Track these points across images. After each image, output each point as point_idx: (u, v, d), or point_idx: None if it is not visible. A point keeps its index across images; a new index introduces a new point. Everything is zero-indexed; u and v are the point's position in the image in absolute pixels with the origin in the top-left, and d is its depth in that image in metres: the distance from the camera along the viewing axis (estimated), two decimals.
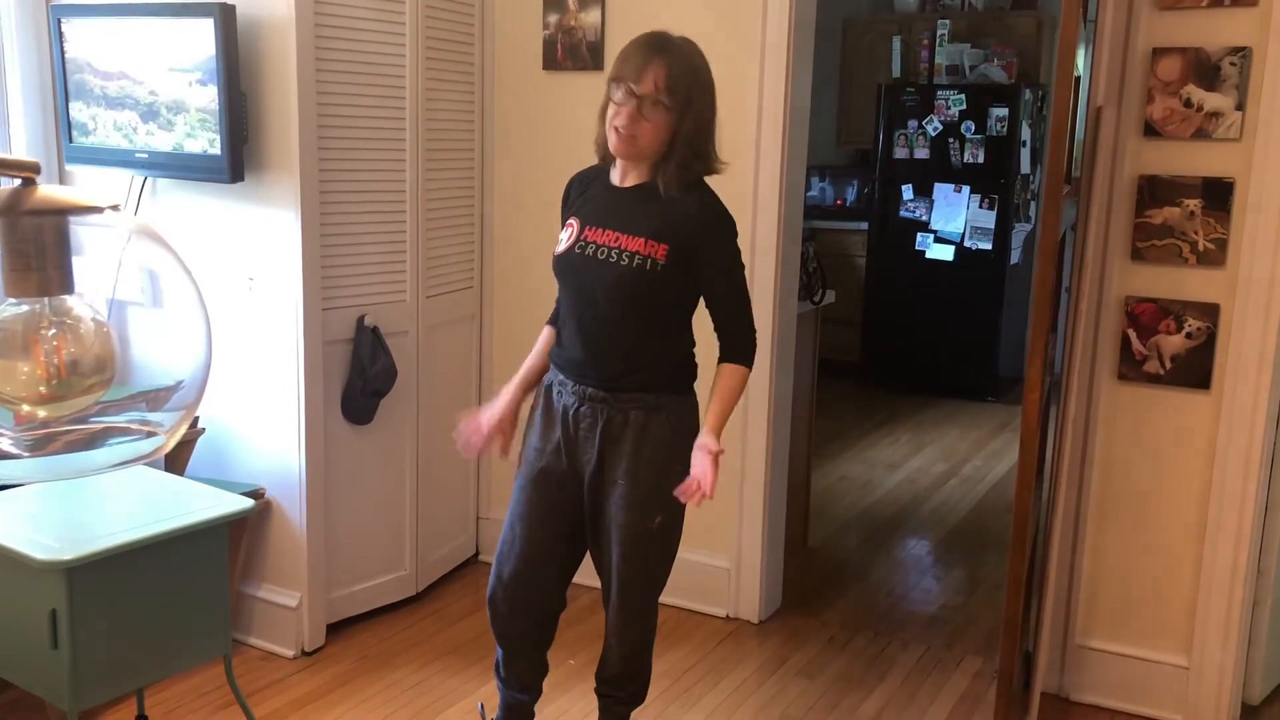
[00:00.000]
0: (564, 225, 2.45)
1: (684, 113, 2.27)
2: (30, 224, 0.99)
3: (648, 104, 2.24)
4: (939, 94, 6.40)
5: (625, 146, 2.29)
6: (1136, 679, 3.02)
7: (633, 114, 2.25)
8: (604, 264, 2.32)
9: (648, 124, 2.26)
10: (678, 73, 2.25)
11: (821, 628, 3.53)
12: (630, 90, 2.24)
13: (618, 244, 2.32)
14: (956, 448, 5.68)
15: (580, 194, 2.46)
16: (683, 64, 2.27)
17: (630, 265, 2.30)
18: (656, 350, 2.39)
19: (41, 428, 1.07)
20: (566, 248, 2.38)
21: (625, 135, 2.27)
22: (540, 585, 2.51)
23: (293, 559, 3.22)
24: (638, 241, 2.30)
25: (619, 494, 2.37)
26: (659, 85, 2.23)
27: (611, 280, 2.32)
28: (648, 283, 2.31)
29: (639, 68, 2.24)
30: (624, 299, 2.33)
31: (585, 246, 2.35)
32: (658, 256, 2.29)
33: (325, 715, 2.92)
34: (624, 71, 2.26)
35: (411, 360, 3.45)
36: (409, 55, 3.27)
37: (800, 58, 3.31)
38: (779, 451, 3.54)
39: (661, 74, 2.23)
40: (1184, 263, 2.85)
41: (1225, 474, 2.86)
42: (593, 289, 2.35)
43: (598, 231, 2.35)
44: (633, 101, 2.24)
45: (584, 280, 2.36)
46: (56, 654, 2.22)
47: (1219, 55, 2.76)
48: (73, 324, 1.03)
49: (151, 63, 3.04)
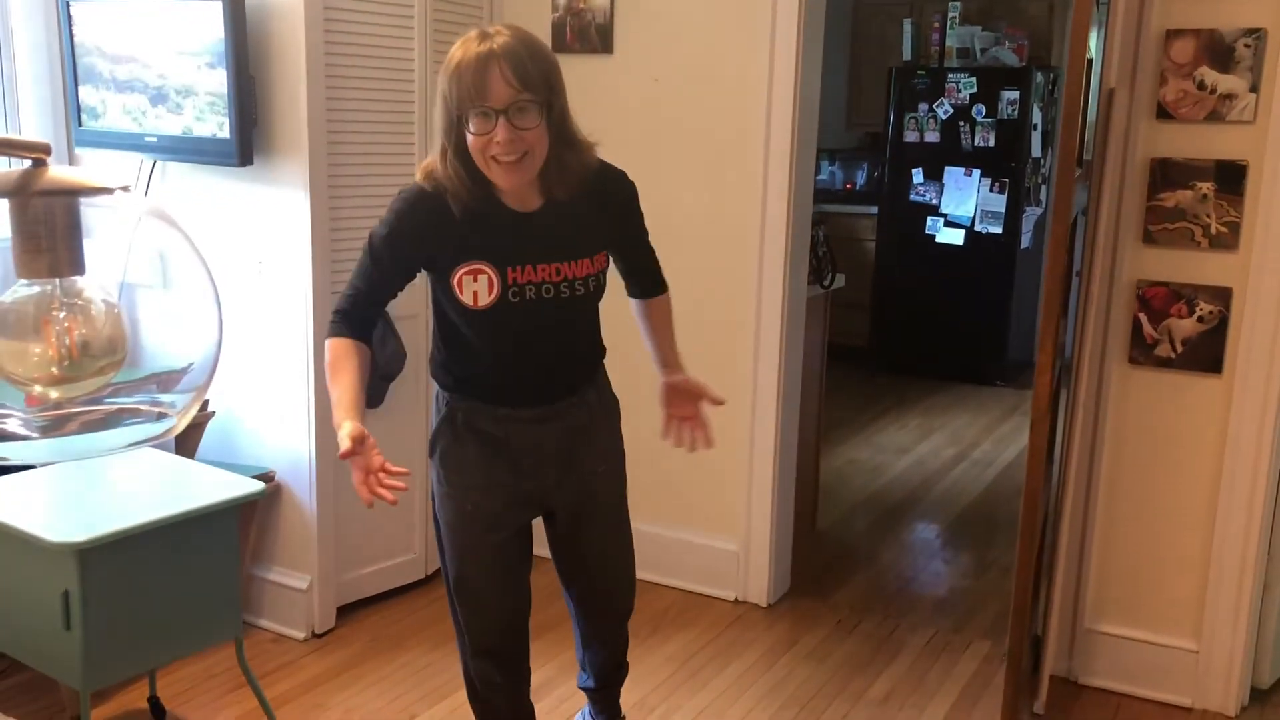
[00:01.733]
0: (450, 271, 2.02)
1: (550, 106, 1.93)
2: (41, 205, 0.99)
3: (514, 113, 1.88)
4: (950, 77, 6.37)
5: (519, 173, 1.94)
6: (1145, 663, 3.02)
7: (507, 135, 1.87)
8: (555, 303, 2.05)
9: (529, 133, 1.89)
10: (523, 65, 1.88)
11: (830, 611, 3.54)
12: (489, 110, 1.87)
13: (562, 276, 2.05)
14: (966, 432, 5.68)
15: (459, 228, 2.01)
16: (521, 52, 1.90)
17: (585, 292, 2.09)
18: (597, 337, 2.26)
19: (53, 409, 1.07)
20: (493, 301, 2.01)
21: (512, 161, 1.91)
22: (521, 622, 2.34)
23: (303, 542, 3.23)
24: (583, 264, 2.07)
25: (601, 478, 2.28)
26: (514, 87, 1.87)
27: (567, 314, 2.10)
28: (598, 296, 2.15)
29: (481, 84, 1.87)
30: (583, 321, 2.19)
31: (520, 290, 2.02)
32: (603, 268, 2.14)
33: (336, 697, 2.93)
34: (461, 95, 1.89)
35: (421, 344, 3.45)
36: (417, 38, 3.27)
37: (810, 40, 3.29)
38: (788, 435, 3.54)
39: (509, 74, 1.86)
40: (1196, 246, 2.83)
41: (1236, 458, 2.85)
42: (543, 332, 2.10)
43: (526, 270, 2.02)
44: (497, 120, 1.87)
45: (528, 325, 2.07)
46: (69, 635, 2.23)
47: (1233, 37, 2.73)
48: (84, 305, 1.03)
49: (160, 46, 3.04)
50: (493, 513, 2.18)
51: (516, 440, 2.15)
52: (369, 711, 2.87)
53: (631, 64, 3.47)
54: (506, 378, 2.14)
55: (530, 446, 2.16)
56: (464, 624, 2.29)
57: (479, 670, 2.33)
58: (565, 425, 2.18)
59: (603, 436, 2.28)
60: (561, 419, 2.18)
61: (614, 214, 2.15)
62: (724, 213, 3.40)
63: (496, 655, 2.31)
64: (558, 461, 2.20)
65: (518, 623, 2.31)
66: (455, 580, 2.26)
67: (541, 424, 2.16)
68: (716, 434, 3.46)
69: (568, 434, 2.19)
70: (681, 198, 3.43)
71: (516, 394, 2.14)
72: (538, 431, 2.16)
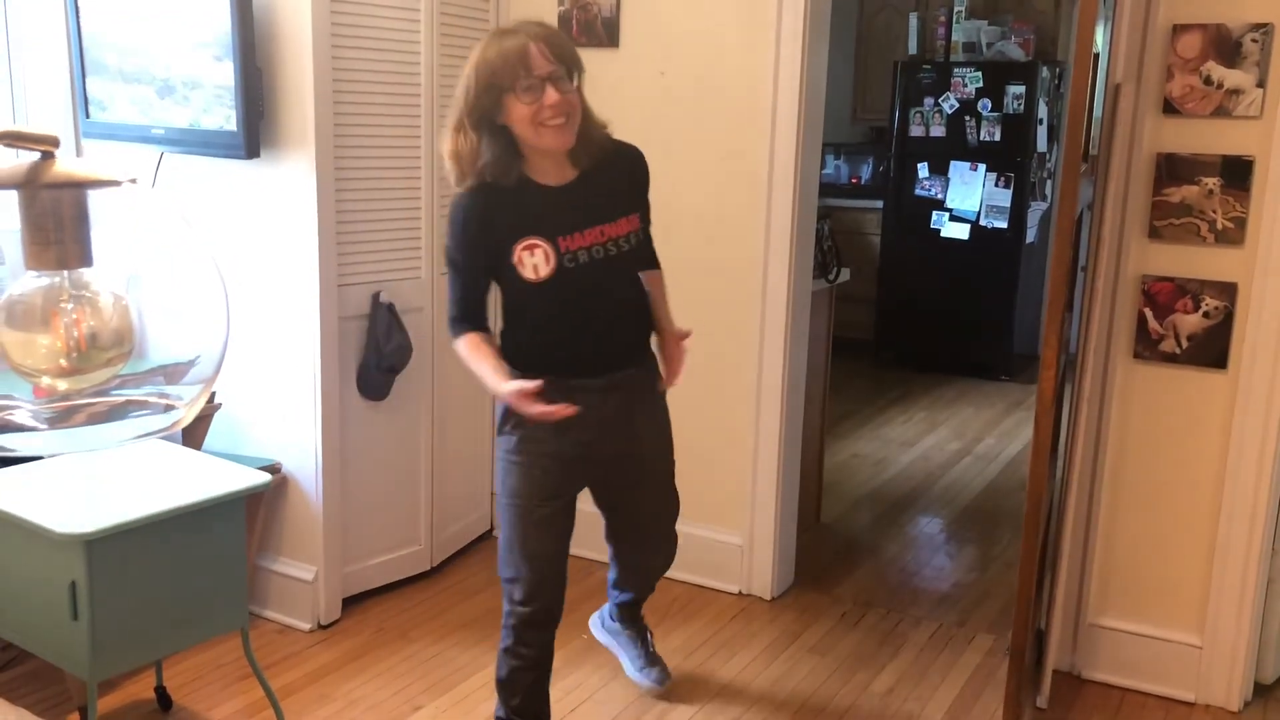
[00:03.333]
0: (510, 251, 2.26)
1: (574, 74, 2.24)
2: (49, 197, 0.99)
3: (557, 79, 2.18)
4: (955, 71, 6.36)
5: (566, 134, 2.22)
6: (1149, 657, 3.03)
7: (556, 95, 2.17)
8: (603, 263, 2.31)
9: (572, 95, 2.21)
10: (554, 42, 2.21)
11: (834, 604, 3.54)
12: (535, 80, 2.16)
13: (606, 237, 2.31)
14: (970, 426, 5.67)
15: (512, 211, 2.26)
16: (551, 33, 2.23)
17: (627, 249, 2.36)
18: (645, 301, 2.50)
19: (61, 400, 1.08)
20: (552, 270, 2.26)
21: (562, 119, 2.19)
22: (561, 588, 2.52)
23: (309, 533, 3.24)
24: (620, 224, 2.34)
25: (654, 449, 2.56)
26: (551, 60, 2.18)
27: (616, 272, 2.35)
28: (640, 253, 2.42)
29: (524, 57, 2.16)
30: (629, 278, 2.42)
31: (574, 257, 2.27)
32: (636, 227, 2.39)
33: (342, 687, 2.95)
34: (514, 70, 2.17)
35: (426, 337, 3.46)
36: (424, 31, 3.27)
37: (816, 35, 3.28)
38: (792, 429, 3.55)
39: (545, 50, 2.18)
40: (1202, 241, 2.83)
41: (1241, 453, 2.85)
42: (600, 291, 2.34)
43: (574, 237, 2.27)
44: (545, 85, 2.16)
45: (586, 288, 2.31)
46: (76, 625, 2.25)
47: (1240, 32, 2.73)
48: (91, 297, 1.04)
49: (168, 38, 3.04)
50: (556, 480, 2.41)
51: (585, 408, 2.29)
52: (374, 702, 2.88)
53: (638, 58, 3.46)
54: (572, 347, 2.35)
55: (595, 418, 2.35)
56: (519, 581, 2.43)
57: (520, 649, 2.47)
58: (626, 395, 2.42)
59: (654, 405, 2.55)
60: (621, 389, 2.41)
61: (637, 182, 2.43)
62: (729, 207, 3.40)
63: (541, 615, 2.46)
64: (618, 430, 2.43)
65: (560, 587, 2.49)
66: (518, 541, 2.42)
67: (605, 394, 2.37)
68: (721, 426, 3.49)
69: (628, 403, 2.43)
70: (687, 192, 3.43)
71: (583, 364, 2.36)
72: (602, 402, 2.37)
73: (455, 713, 2.85)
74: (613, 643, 3.02)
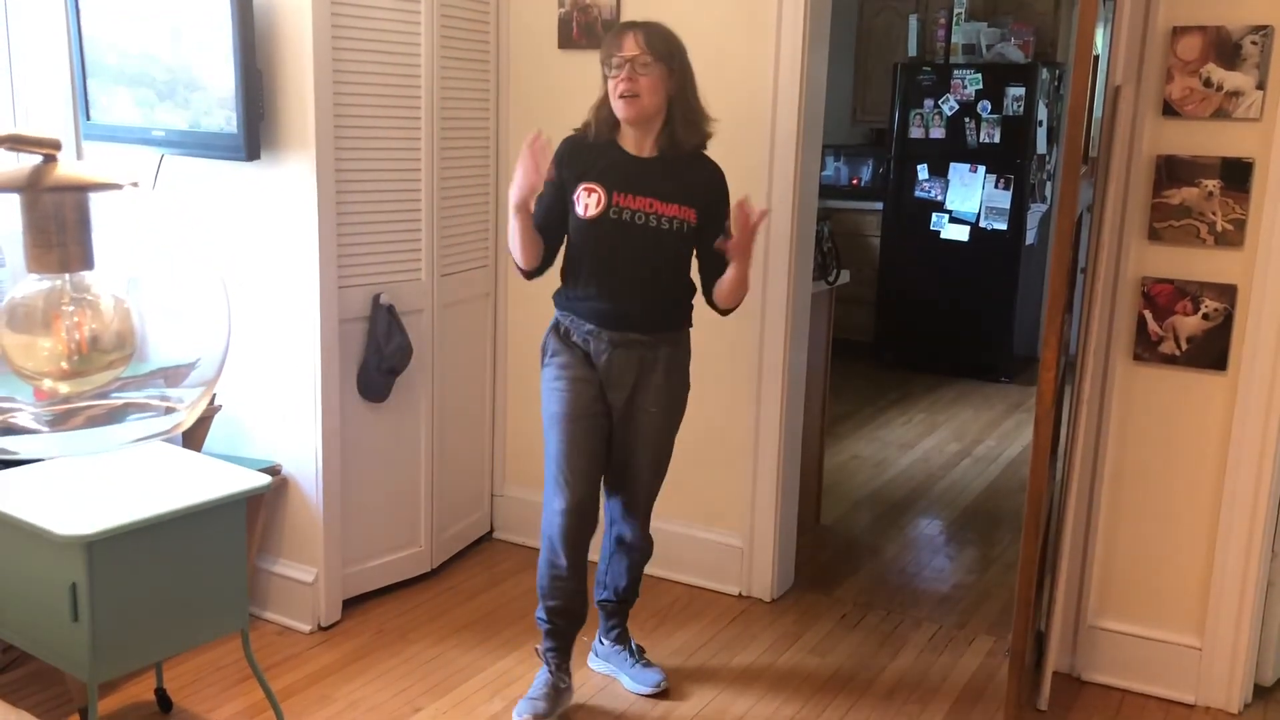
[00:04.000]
0: (574, 188, 2.67)
1: (669, 69, 2.63)
2: (51, 200, 0.99)
3: (638, 65, 2.59)
4: (955, 73, 6.36)
5: (633, 108, 2.62)
6: (1149, 659, 3.03)
7: (630, 75, 2.58)
8: (643, 228, 2.65)
9: (645, 79, 2.59)
10: (653, 36, 2.62)
11: (834, 606, 3.54)
12: (620, 60, 2.59)
13: (654, 209, 2.65)
14: (970, 428, 5.68)
15: (589, 160, 2.68)
16: (655, 29, 2.64)
17: (670, 229, 2.66)
18: (680, 294, 2.78)
19: (62, 403, 1.08)
20: (599, 212, 2.64)
21: (629, 96, 2.59)
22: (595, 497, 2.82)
23: (309, 535, 3.24)
24: (672, 207, 2.65)
25: (650, 420, 2.77)
26: (640, 47, 2.59)
27: (652, 243, 2.66)
28: (682, 242, 2.70)
29: (618, 40, 2.62)
30: (663, 258, 2.70)
31: (620, 212, 2.64)
32: (690, 220, 2.67)
33: (342, 689, 2.95)
34: (607, 51, 2.63)
35: (426, 338, 3.46)
36: (424, 34, 3.27)
37: (816, 36, 3.29)
38: (792, 430, 3.55)
39: (640, 38, 2.60)
40: (1201, 243, 2.83)
41: (1240, 455, 2.86)
42: (631, 250, 2.66)
43: (629, 198, 2.64)
44: (625, 66, 2.58)
45: (621, 242, 2.65)
46: (76, 627, 2.25)
47: (1240, 34, 2.73)
48: (93, 300, 1.04)
49: (168, 40, 3.04)
50: (587, 400, 2.73)
51: (595, 355, 2.72)
52: (374, 704, 2.88)
53: None
54: (600, 293, 2.68)
55: (605, 363, 2.72)
56: (561, 489, 2.74)
57: (551, 555, 2.78)
58: (631, 357, 2.72)
59: (662, 384, 2.76)
60: (630, 349, 2.71)
61: (706, 193, 2.71)
62: None
63: (574, 523, 2.75)
64: (621, 387, 2.73)
65: (595, 493, 2.80)
66: (559, 455, 2.74)
67: (614, 348, 2.71)
68: (721, 428, 3.49)
69: (633, 367, 2.73)
70: None
71: (602, 313, 2.69)
72: (611, 354, 2.71)
73: (455, 714, 2.85)
74: (609, 667, 3.07)
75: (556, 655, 2.87)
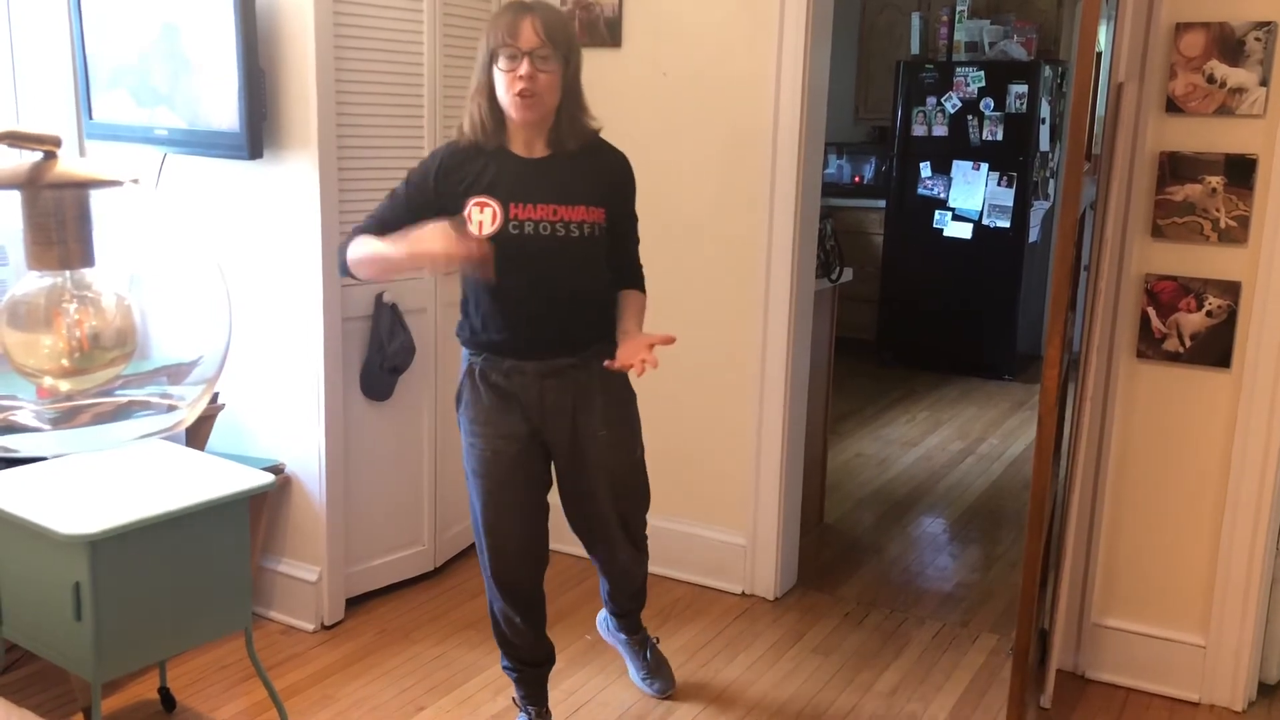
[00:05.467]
0: (460, 205, 2.32)
1: (566, 61, 2.31)
2: (51, 197, 0.99)
3: (537, 58, 2.26)
4: (958, 71, 6.35)
5: (531, 109, 2.29)
6: (1152, 657, 3.02)
7: (530, 71, 2.25)
8: (553, 241, 2.32)
9: (544, 76, 2.27)
10: (552, 24, 2.29)
11: (837, 604, 3.54)
12: (516, 51, 2.26)
13: (558, 216, 2.33)
14: (973, 426, 5.67)
15: (474, 169, 2.35)
16: (552, 15, 2.31)
17: (581, 235, 2.35)
18: (602, 302, 2.48)
19: (63, 401, 1.07)
20: (496, 229, 2.30)
21: (528, 94, 2.26)
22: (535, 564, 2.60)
23: (312, 534, 3.24)
24: (579, 210, 2.34)
25: (603, 443, 2.49)
26: (540, 37, 2.26)
27: (562, 255, 2.34)
28: (594, 247, 2.39)
29: (514, 28, 2.26)
30: (578, 269, 2.39)
31: (520, 225, 2.31)
32: (599, 221, 2.38)
33: (345, 688, 2.95)
34: (502, 37, 2.27)
35: (429, 337, 3.46)
36: (427, 31, 3.27)
37: (818, 34, 3.28)
38: (795, 428, 3.54)
39: (539, 26, 2.26)
40: (1205, 240, 2.83)
41: (1244, 453, 2.85)
42: (544, 269, 2.34)
43: (526, 207, 2.31)
44: (524, 59, 2.25)
45: (530, 260, 2.32)
46: (80, 626, 2.25)
47: (1243, 30, 2.72)
48: (94, 297, 1.04)
49: (171, 38, 3.04)
50: (510, 458, 2.45)
51: (523, 393, 2.42)
52: (377, 703, 2.88)
53: (640, 58, 3.46)
54: (512, 324, 2.39)
55: (535, 399, 2.42)
56: (488, 562, 2.54)
57: (502, 609, 2.58)
58: (565, 384, 2.43)
59: (604, 402, 2.48)
60: (561, 377, 2.42)
61: (610, 182, 2.43)
62: (732, 206, 3.40)
63: (514, 592, 2.56)
64: (560, 417, 2.45)
65: (530, 564, 2.57)
66: (481, 523, 2.52)
67: (542, 379, 2.41)
68: (724, 427, 3.49)
69: (568, 393, 2.43)
70: (690, 192, 3.43)
71: (520, 345, 2.40)
72: (540, 386, 2.42)
73: (458, 713, 2.85)
74: (617, 646, 3.03)
75: (533, 702, 2.71)
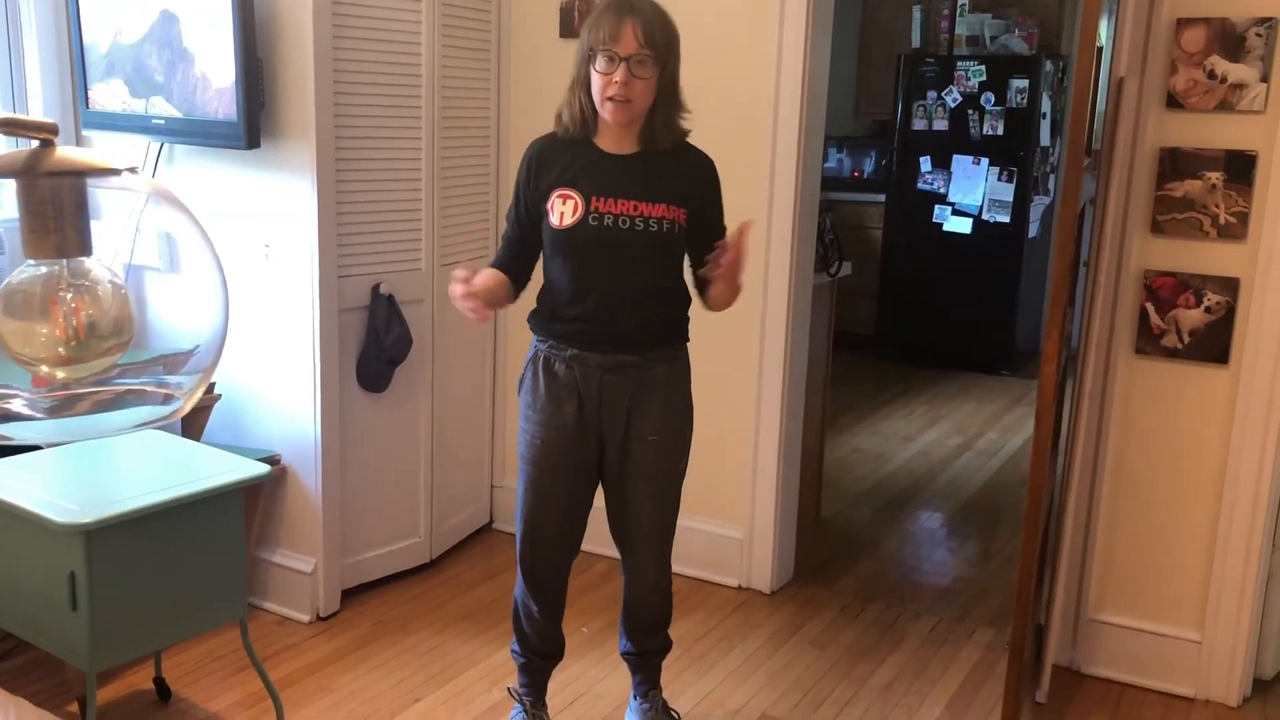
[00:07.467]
0: (548, 197, 2.36)
1: (664, 65, 2.30)
2: (49, 185, 0.99)
3: (634, 63, 2.25)
4: (959, 65, 6.34)
5: (623, 113, 2.30)
6: (1148, 653, 3.03)
7: (625, 77, 2.25)
8: (628, 233, 2.34)
9: (640, 83, 2.27)
10: (653, 27, 2.27)
11: (834, 598, 3.54)
12: (614, 55, 2.25)
13: (638, 212, 2.34)
14: (971, 421, 5.67)
15: (562, 162, 2.38)
16: (654, 18, 2.29)
17: (658, 231, 2.35)
18: (674, 305, 2.50)
19: (60, 390, 1.07)
20: (576, 220, 2.33)
21: (621, 101, 2.27)
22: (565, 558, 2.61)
23: (308, 525, 3.24)
24: (659, 208, 2.35)
25: (652, 447, 2.47)
26: (639, 41, 2.25)
27: (640, 249, 2.36)
28: (673, 246, 2.40)
29: (615, 31, 2.25)
30: (653, 266, 2.40)
31: (600, 218, 2.33)
32: (679, 220, 2.38)
33: (340, 679, 2.94)
34: (601, 38, 2.26)
35: (426, 329, 3.45)
36: (425, 23, 3.26)
37: (819, 27, 3.28)
38: (793, 423, 3.54)
39: (639, 31, 2.25)
40: (1204, 236, 2.82)
41: (1241, 449, 2.85)
42: (616, 260, 2.36)
43: (609, 202, 2.34)
44: (620, 65, 2.25)
45: (603, 252, 2.35)
46: (75, 615, 2.24)
47: (1244, 26, 2.72)
48: (90, 286, 1.03)
49: (169, 27, 3.03)
50: (560, 449, 2.45)
51: (583, 384, 2.41)
52: (373, 694, 2.88)
53: None
54: (581, 313, 2.38)
55: (594, 391, 2.41)
56: (519, 546, 2.55)
57: (523, 596, 2.60)
58: (625, 380, 2.42)
59: (659, 407, 2.46)
60: (622, 373, 2.41)
61: (697, 181, 2.44)
62: (731, 199, 3.37)
63: (538, 577, 2.57)
64: (615, 413, 2.43)
65: (558, 553, 2.57)
66: (522, 507, 2.53)
67: (604, 372, 2.41)
68: (721, 421, 3.49)
69: (626, 391, 2.42)
70: None
71: (587, 334, 2.39)
72: (600, 378, 2.41)
73: (454, 704, 2.85)
74: None
75: (531, 693, 2.68)
